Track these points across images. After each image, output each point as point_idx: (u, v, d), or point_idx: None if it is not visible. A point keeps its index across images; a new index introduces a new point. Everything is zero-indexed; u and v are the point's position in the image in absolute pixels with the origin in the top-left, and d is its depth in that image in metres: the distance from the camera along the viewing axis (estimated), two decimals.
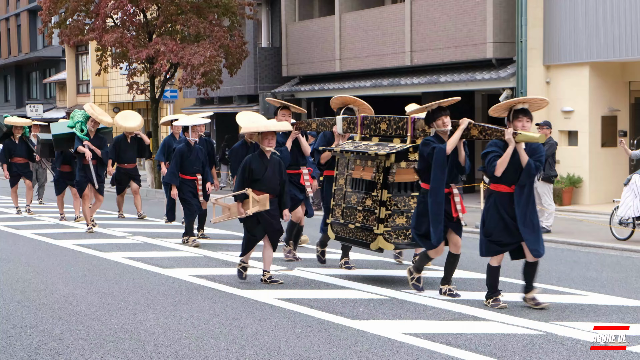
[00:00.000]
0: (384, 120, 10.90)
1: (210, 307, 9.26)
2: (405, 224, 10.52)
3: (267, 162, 10.58)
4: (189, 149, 14.29)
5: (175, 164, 14.21)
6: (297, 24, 31.23)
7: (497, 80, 22.72)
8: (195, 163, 14.35)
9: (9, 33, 63.75)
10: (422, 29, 25.40)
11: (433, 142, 9.58)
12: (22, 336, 7.98)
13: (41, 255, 13.32)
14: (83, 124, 16.12)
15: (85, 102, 45.47)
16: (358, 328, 8.22)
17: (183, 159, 14.22)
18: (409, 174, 10.52)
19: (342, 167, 11.20)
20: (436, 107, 9.70)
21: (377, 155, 10.44)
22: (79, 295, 9.99)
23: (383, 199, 10.42)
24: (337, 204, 11.16)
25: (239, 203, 10.55)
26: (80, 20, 30.41)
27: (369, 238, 10.55)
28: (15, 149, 19.75)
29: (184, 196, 14.35)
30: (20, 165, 19.87)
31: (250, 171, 10.49)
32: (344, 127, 11.55)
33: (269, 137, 10.55)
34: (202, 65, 26.98)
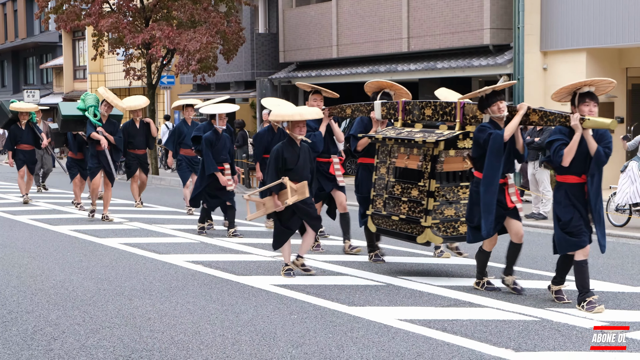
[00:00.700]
0: (429, 106, 10.31)
1: (207, 293, 9.26)
2: (453, 216, 9.96)
3: (299, 150, 10.15)
4: (217, 137, 13.64)
5: (207, 153, 13.50)
6: (294, 10, 31.16)
7: (494, 67, 22.71)
8: (223, 152, 13.72)
9: (6, 18, 63.53)
10: (419, 15, 25.36)
11: (489, 128, 9.01)
12: (18, 321, 7.98)
13: (37, 240, 13.32)
14: (96, 108, 15.57)
15: (82, 87, 45.49)
16: (354, 314, 8.23)
17: (212, 147, 13.57)
18: (458, 162, 9.96)
19: (383, 155, 10.57)
20: (490, 91, 9.14)
21: (424, 142, 9.79)
22: (75, 280, 9.99)
23: (431, 189, 9.83)
24: (378, 194, 10.57)
25: (274, 195, 10.04)
26: (76, 5, 30.32)
27: (416, 231, 9.99)
28: (22, 135, 19.03)
29: (209, 188, 13.76)
30: (27, 152, 19.15)
31: (284, 160, 10.02)
32: (383, 113, 10.94)
33: (300, 124, 10.06)
34: (198, 52, 26.92)
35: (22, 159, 19.05)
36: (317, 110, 10.60)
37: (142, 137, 17.82)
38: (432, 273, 10.38)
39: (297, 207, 10.07)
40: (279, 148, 10.10)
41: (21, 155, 19.06)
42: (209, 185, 13.63)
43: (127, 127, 17.54)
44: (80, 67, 47.24)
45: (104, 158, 15.46)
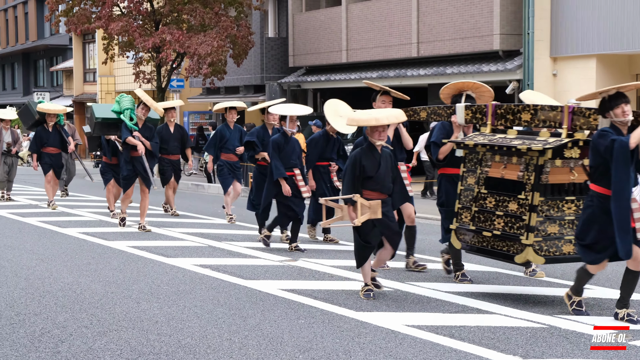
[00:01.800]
0: (527, 110, 9.24)
1: (214, 296, 9.25)
2: (557, 234, 8.93)
3: (379, 156, 9.26)
4: (286, 141, 12.65)
5: (273, 156, 12.56)
6: (304, 14, 31.19)
7: (503, 72, 22.70)
8: (292, 156, 12.71)
9: (17, 21, 63.78)
10: (428, 20, 25.36)
11: (611, 133, 8.00)
12: (25, 323, 7.99)
13: (46, 243, 13.33)
14: (132, 111, 14.49)
15: (92, 90, 45.60)
16: (361, 319, 8.21)
17: (279, 150, 12.60)
18: (564, 173, 8.92)
19: (472, 163, 9.56)
20: (614, 92, 8.17)
21: (529, 150, 8.78)
22: (83, 283, 10.00)
23: (534, 202, 8.80)
24: (466, 207, 9.57)
25: (349, 206, 9.18)
26: (87, 8, 30.43)
27: (514, 249, 8.98)
28: (48, 137, 18.22)
29: (279, 197, 12.72)
30: (53, 155, 18.38)
31: (362, 168, 9.15)
32: (467, 117, 9.86)
33: (379, 129, 9.16)
34: (209, 55, 26.98)
35: (48, 162, 18.32)
36: (397, 113, 9.46)
37: (176, 141, 17.00)
38: (439, 279, 10.36)
39: (377, 220, 9.20)
40: (356, 154, 9.26)
41: (47, 159, 18.32)
42: (279, 194, 12.66)
43: (161, 131, 16.60)
44: (90, 70, 47.37)
45: (140, 165, 14.45)
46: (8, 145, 20.19)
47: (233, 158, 15.92)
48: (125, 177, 14.71)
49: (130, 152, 14.45)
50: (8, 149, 20.20)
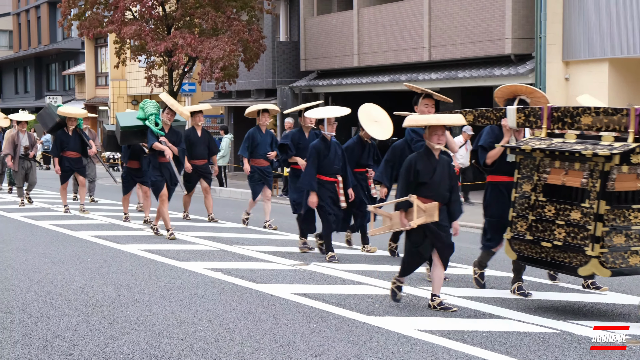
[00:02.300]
0: (588, 113, 8.69)
1: (226, 300, 9.26)
2: (623, 245, 8.38)
3: (436, 162, 8.81)
4: (326, 145, 12.00)
5: (312, 163, 11.91)
6: (316, 19, 31.21)
7: (515, 76, 22.64)
8: (335, 162, 12.02)
9: (29, 25, 64.04)
10: (440, 24, 25.35)
11: None
12: (38, 326, 8.00)
13: (58, 246, 13.37)
14: (157, 116, 14.05)
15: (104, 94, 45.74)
16: (373, 324, 8.20)
17: (320, 157, 11.93)
18: (631, 180, 8.41)
19: (527, 169, 8.99)
20: None
21: (595, 155, 8.26)
22: (95, 286, 10.01)
23: (600, 211, 8.26)
24: (521, 216, 8.99)
25: (401, 212, 8.75)
26: (99, 12, 30.53)
27: (577, 260, 8.45)
28: (69, 141, 17.85)
29: (322, 202, 12.00)
30: (73, 160, 17.98)
31: (416, 173, 8.72)
32: (520, 120, 9.35)
33: (438, 132, 8.71)
34: (220, 59, 27.03)
35: (68, 167, 18.02)
36: (459, 116, 9.17)
37: (203, 146, 16.37)
38: (452, 284, 10.34)
39: (429, 229, 8.77)
40: (411, 158, 8.84)
41: (67, 163, 17.97)
42: (319, 198, 12.02)
43: (188, 135, 16.01)
44: (102, 73, 47.51)
45: (167, 171, 14.11)
46: (25, 149, 19.98)
47: (264, 163, 15.55)
48: (154, 184, 14.29)
49: (157, 158, 14.07)
50: (25, 152, 20.02)
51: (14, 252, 12.65)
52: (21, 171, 19.92)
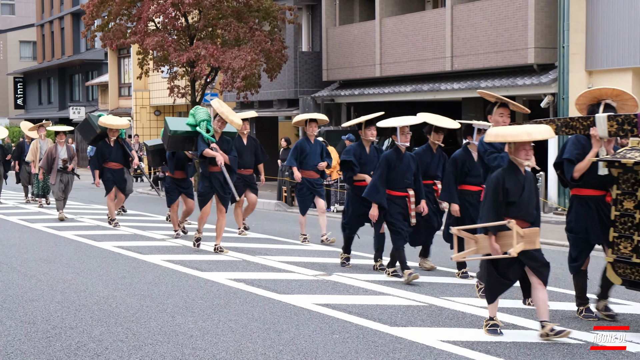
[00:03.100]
0: None
1: (248, 311, 9.26)
2: None
3: (524, 179, 8.16)
4: (399, 157, 11.16)
5: (381, 176, 11.08)
6: (338, 29, 31.25)
7: (538, 86, 22.57)
8: (407, 174, 11.18)
9: (53, 36, 64.51)
10: (462, 34, 25.31)
11: None
12: (61, 337, 8.03)
13: (81, 256, 13.42)
14: (209, 123, 13.55)
15: (127, 104, 45.96)
16: (396, 335, 8.18)
17: (390, 169, 11.11)
18: None
19: (628, 184, 8.29)
20: None
21: None
22: (118, 297, 10.05)
23: None
24: (625, 237, 8.29)
25: (491, 236, 8.01)
26: (122, 23, 30.70)
27: None
28: (110, 152, 17.46)
29: (391, 219, 11.16)
30: (115, 171, 17.56)
31: (505, 192, 8.04)
32: (612, 129, 8.55)
33: (527, 147, 8.05)
34: (242, 69, 27.10)
35: (110, 178, 17.52)
36: (547, 128, 8.24)
37: (250, 154, 15.88)
38: (474, 294, 10.29)
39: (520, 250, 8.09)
40: (499, 176, 8.14)
41: (109, 175, 17.51)
42: (387, 214, 11.25)
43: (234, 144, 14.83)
44: (125, 84, 47.75)
45: (217, 181, 13.50)
46: (64, 162, 19.26)
47: (313, 175, 14.94)
48: (201, 194, 13.69)
49: (208, 167, 13.50)
50: (64, 165, 19.26)
51: (37, 263, 12.72)
52: (59, 185, 19.20)
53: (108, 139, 17.51)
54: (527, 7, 22.87)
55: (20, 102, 68.28)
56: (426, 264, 12.23)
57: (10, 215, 20.22)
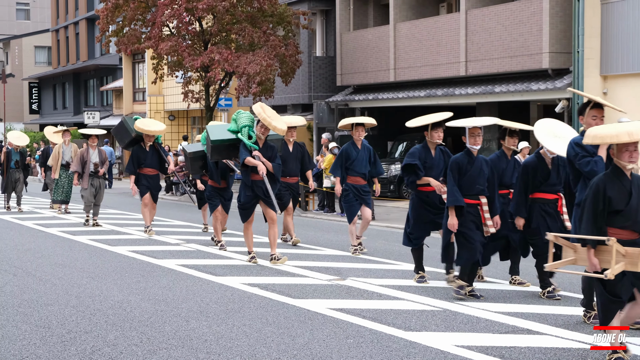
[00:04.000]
0: None
1: (263, 315, 9.26)
2: None
3: (630, 184, 7.30)
4: (470, 161, 10.32)
5: (453, 179, 10.24)
6: (352, 34, 31.27)
7: (552, 91, 22.52)
8: (479, 180, 10.31)
9: (68, 41, 64.78)
10: (477, 38, 25.28)
11: None
12: (76, 341, 8.06)
13: (96, 261, 13.46)
14: (251, 129, 12.90)
15: (141, 109, 46.08)
16: (410, 339, 8.17)
17: (460, 174, 10.29)
18: None
19: None
20: None
21: None
22: (132, 301, 10.07)
23: None
24: None
25: (590, 250, 7.20)
26: (137, 29, 30.80)
27: None
28: (146, 158, 16.80)
29: (463, 228, 10.26)
30: (151, 177, 16.88)
31: (607, 200, 7.23)
32: None
33: (630, 148, 7.25)
34: (257, 74, 27.13)
35: (145, 184, 16.80)
36: None
37: (295, 162, 15.24)
38: (489, 299, 10.27)
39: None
40: (599, 182, 7.32)
41: (144, 181, 16.81)
42: (461, 224, 10.30)
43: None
44: (139, 89, 47.89)
45: (260, 190, 12.80)
46: (95, 166, 18.82)
47: (360, 181, 14.04)
48: (242, 205, 12.96)
49: (250, 175, 12.83)
50: (95, 169, 18.84)
51: (52, 267, 12.76)
52: (90, 189, 18.78)
53: (144, 143, 16.85)
54: (542, 12, 22.83)
55: (35, 107, 68.59)
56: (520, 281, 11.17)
57: (25, 220, 20.30)
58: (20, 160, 23.25)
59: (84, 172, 18.84)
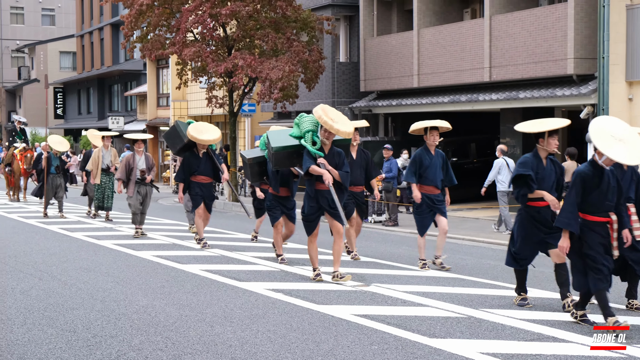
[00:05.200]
0: None
1: (287, 321, 9.27)
2: None
3: None
4: (597, 173, 9.04)
5: (575, 196, 8.98)
6: (375, 39, 31.26)
7: (577, 97, 22.40)
8: (608, 195, 9.05)
9: (92, 47, 65.17)
10: (501, 44, 25.21)
11: None
12: (102, 345, 8.09)
13: (121, 265, 13.52)
14: (315, 134, 11.94)
15: (165, 115, 46.24)
16: (435, 346, 8.14)
17: (586, 189, 9.04)
18: None
19: None
20: None
21: None
22: (157, 306, 10.10)
23: None
24: None
25: None
26: (161, 35, 30.92)
27: None
28: (199, 164, 15.79)
29: (590, 251, 8.96)
30: (204, 185, 15.86)
31: None
32: None
33: None
34: (280, 80, 27.17)
35: (199, 193, 15.79)
36: None
37: (360, 169, 14.13)
38: (514, 306, 10.22)
39: None
40: None
41: (198, 190, 15.79)
42: (584, 245, 9.03)
43: None
44: (163, 94, 48.07)
45: (325, 200, 11.84)
46: (142, 173, 17.87)
47: (434, 191, 13.10)
48: (306, 217, 11.99)
49: (314, 185, 11.87)
50: (142, 177, 17.88)
51: (77, 272, 12.83)
52: (137, 197, 17.85)
53: (196, 150, 15.87)
54: (567, 18, 22.73)
55: (59, 112, 69.00)
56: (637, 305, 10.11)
57: (50, 224, 20.42)
58: (60, 165, 23.22)
59: (130, 179, 17.90)
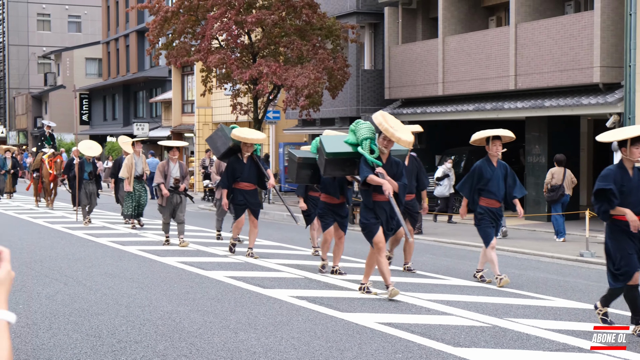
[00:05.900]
0: None
1: (311, 328, 9.26)
2: None
3: None
4: None
5: None
6: (400, 47, 31.25)
7: (603, 105, 22.28)
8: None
9: (118, 53, 65.56)
10: (526, 52, 25.13)
11: None
12: (126, 351, 8.11)
13: (145, 271, 13.56)
14: (373, 142, 11.29)
15: (189, 121, 46.39)
16: (459, 355, 8.11)
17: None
18: None
19: None
20: None
21: None
22: (182, 312, 10.12)
23: None
24: None
25: None
26: (186, 41, 31.07)
27: None
28: (242, 170, 15.17)
29: None
30: (248, 192, 15.21)
31: None
32: None
33: None
34: (305, 87, 27.22)
35: (242, 201, 15.22)
36: None
37: (411, 178, 13.74)
38: (539, 315, 10.17)
39: None
40: None
41: (240, 196, 15.20)
42: None
43: None
44: (188, 101, 48.25)
45: (383, 212, 11.18)
46: (175, 181, 17.15)
47: (496, 204, 12.48)
48: (365, 227, 11.25)
49: (372, 196, 11.17)
50: (175, 185, 17.18)
51: (102, 277, 12.88)
52: (169, 206, 17.21)
53: (241, 154, 15.25)
54: (593, 26, 22.64)
55: (85, 118, 69.42)
56: None
57: (75, 230, 20.52)
58: (93, 170, 23.02)
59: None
